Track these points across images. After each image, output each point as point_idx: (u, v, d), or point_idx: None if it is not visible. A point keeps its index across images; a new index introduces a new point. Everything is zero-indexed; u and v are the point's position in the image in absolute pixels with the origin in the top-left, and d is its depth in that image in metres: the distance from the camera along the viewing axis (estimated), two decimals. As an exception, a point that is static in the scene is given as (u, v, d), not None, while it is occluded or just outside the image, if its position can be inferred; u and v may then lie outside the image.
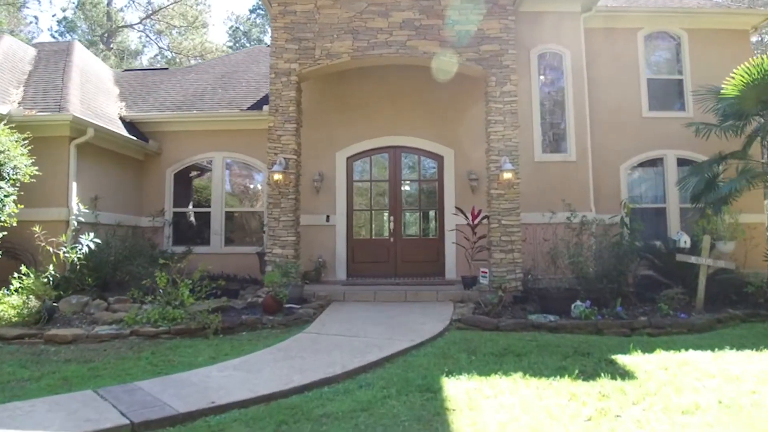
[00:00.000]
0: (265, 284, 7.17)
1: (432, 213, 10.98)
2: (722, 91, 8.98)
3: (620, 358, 5.24)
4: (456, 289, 8.89)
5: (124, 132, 10.34)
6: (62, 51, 12.03)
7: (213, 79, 13.11)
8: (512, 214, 8.78)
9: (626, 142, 10.83)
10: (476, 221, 9.15)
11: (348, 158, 10.74)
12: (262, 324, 6.62)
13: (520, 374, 4.65)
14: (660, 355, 5.38)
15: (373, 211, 10.93)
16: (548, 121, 10.67)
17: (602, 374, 4.66)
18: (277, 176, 8.71)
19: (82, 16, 31.28)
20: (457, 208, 9.43)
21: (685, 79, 11.13)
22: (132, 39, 33.62)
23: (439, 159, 10.75)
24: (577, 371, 4.72)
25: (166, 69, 16.20)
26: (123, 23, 32.19)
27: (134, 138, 10.47)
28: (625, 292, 8.17)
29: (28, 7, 32.40)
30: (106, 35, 31.42)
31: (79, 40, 22.93)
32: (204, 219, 11.43)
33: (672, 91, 11.28)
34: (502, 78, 9.10)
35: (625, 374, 4.71)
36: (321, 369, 4.73)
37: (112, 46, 31.14)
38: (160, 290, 6.59)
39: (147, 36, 33.39)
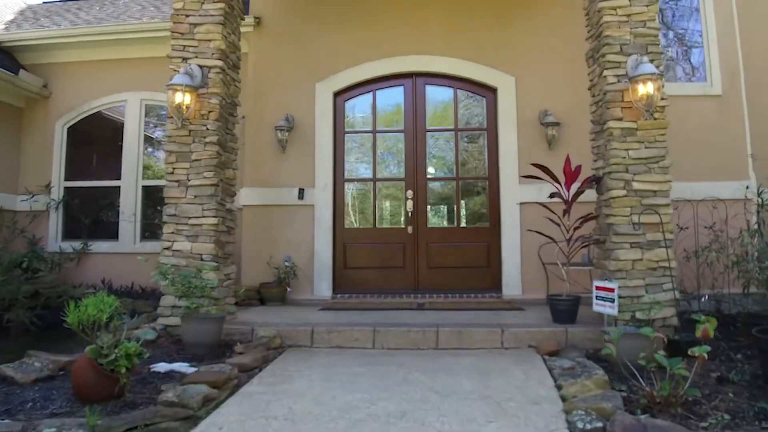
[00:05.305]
0: (72, 326, 2.77)
1: (478, 184, 6.54)
2: None
3: None
4: (534, 320, 4.50)
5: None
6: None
7: (152, 1, 8.95)
8: (653, 171, 4.27)
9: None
10: (572, 188, 4.66)
11: (336, 94, 6.40)
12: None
13: None
14: None
15: (377, 183, 6.53)
16: (671, 33, 6.52)
17: None
18: (181, 97, 4.39)
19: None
20: (535, 165, 4.84)
21: None
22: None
23: (489, 93, 6.34)
24: None
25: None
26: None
27: (-17, 62, 6.34)
28: None
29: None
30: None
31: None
32: (111, 198, 7.20)
33: None
34: None
35: None
36: None
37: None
38: None
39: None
